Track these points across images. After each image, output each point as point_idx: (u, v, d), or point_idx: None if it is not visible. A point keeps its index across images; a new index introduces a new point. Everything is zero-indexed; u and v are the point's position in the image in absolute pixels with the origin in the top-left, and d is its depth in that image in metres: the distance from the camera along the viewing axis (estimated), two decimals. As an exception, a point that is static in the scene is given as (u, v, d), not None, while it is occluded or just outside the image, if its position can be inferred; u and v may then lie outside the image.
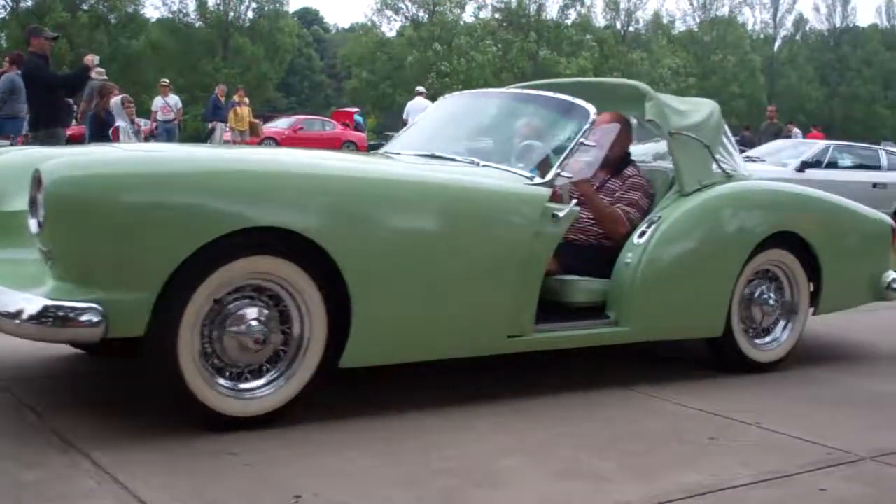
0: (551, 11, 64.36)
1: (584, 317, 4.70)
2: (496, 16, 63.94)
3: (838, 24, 76.88)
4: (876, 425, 4.32)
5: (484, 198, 4.30)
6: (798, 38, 76.85)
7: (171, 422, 3.66)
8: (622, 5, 66.55)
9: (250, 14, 55.90)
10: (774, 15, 75.11)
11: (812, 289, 5.50)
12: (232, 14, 54.94)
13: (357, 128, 35.73)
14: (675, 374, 5.02)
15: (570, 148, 4.65)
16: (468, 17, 64.29)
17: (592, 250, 5.03)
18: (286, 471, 3.31)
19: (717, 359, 5.22)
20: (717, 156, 5.29)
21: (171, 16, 54.01)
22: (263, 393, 3.74)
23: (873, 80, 74.25)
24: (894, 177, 13.16)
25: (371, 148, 35.12)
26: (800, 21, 76.72)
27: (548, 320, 4.48)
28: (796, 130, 22.04)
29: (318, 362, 3.82)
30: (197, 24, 54.36)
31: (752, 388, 4.89)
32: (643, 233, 4.87)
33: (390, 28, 64.72)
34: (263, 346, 3.70)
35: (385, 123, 60.79)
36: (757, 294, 5.24)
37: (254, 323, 3.67)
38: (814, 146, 13.77)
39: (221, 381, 3.66)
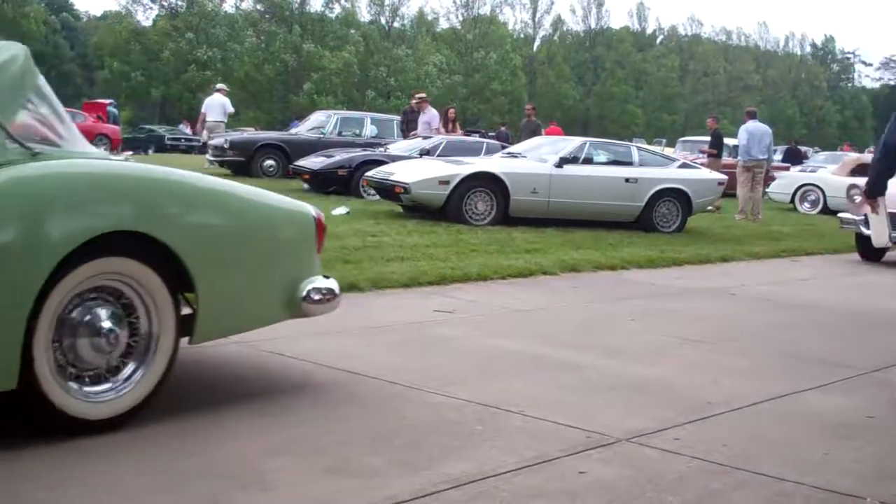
0: (315, 5, 64.44)
1: None
2: (258, 7, 63.41)
3: (593, 26, 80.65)
4: (631, 408, 4.52)
5: None
6: (556, 38, 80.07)
7: None
8: (386, 1, 67.31)
9: (-8, -1, 52.81)
10: (534, 15, 78.03)
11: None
12: (-28, -2, 51.71)
13: (113, 120, 34.34)
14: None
15: None
16: (229, 7, 63.40)
17: None
18: (37, 484, 3.13)
19: (27, 418, 3.62)
20: (14, 125, 3.67)
21: None
22: None
23: (626, 80, 78.38)
24: (645, 172, 13.85)
25: (126, 141, 33.87)
26: (557, 22, 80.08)
27: None
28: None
29: None
30: (-67, 8, 50.84)
31: (511, 377, 5.01)
32: None
33: (146, 17, 62.89)
34: None
35: (141, 116, 58.98)
36: (86, 322, 3.67)
37: None
38: (571, 143, 14.29)
39: None
